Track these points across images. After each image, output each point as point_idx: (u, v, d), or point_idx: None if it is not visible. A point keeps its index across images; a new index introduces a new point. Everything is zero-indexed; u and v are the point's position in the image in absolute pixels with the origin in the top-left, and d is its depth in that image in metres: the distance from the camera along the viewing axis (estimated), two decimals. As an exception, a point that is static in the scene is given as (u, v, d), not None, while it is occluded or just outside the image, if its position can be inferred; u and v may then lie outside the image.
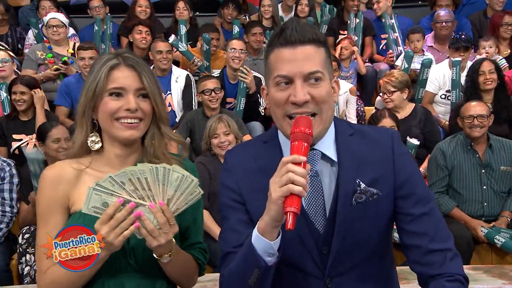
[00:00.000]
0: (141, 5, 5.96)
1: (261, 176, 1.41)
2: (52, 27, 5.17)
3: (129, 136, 1.51)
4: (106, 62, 1.51)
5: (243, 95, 4.69)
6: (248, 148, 1.53)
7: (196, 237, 1.65)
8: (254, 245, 1.29)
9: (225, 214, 1.48)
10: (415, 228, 1.42)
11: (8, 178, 3.55)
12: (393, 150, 1.45)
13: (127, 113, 1.50)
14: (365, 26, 6.02)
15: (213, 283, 2.58)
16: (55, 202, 1.52)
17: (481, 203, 3.66)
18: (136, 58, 1.55)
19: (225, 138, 3.56)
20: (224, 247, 1.45)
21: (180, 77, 4.94)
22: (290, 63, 1.35)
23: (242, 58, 4.80)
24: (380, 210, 1.42)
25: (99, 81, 1.49)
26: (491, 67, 4.35)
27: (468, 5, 6.48)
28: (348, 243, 1.40)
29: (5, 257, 3.45)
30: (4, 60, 4.74)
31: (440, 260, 1.39)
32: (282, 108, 1.37)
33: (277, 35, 1.38)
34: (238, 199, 1.45)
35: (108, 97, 1.50)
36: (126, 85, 1.50)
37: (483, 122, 3.63)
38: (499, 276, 2.62)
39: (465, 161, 3.67)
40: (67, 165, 1.56)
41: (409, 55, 5.10)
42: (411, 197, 1.43)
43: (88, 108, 1.52)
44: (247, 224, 1.42)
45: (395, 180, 1.43)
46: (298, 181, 1.21)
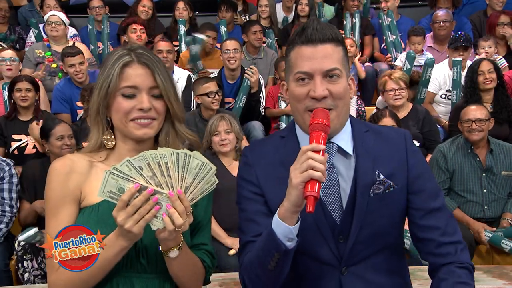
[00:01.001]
0: (144, 5, 5.95)
1: (280, 168, 1.48)
2: (51, 24, 5.18)
3: (142, 135, 1.49)
4: (119, 59, 1.48)
5: (245, 92, 4.68)
6: (266, 143, 1.62)
7: (203, 237, 1.60)
8: (275, 230, 1.35)
9: (243, 206, 1.54)
10: (427, 222, 1.50)
11: (8, 177, 3.55)
12: (406, 147, 1.54)
13: (140, 112, 1.47)
14: (364, 25, 6.02)
15: (213, 283, 2.57)
16: (66, 194, 1.48)
17: (481, 206, 3.67)
18: (150, 55, 1.51)
19: (225, 136, 3.55)
20: (242, 237, 1.52)
21: (181, 78, 4.94)
22: (310, 60, 1.43)
23: (237, 57, 4.80)
24: (394, 203, 1.49)
25: (112, 79, 1.46)
26: (490, 66, 4.35)
27: (468, 5, 6.48)
28: (365, 233, 1.46)
29: (5, 258, 3.45)
30: (12, 59, 4.75)
31: (451, 251, 1.48)
32: (303, 103, 1.45)
33: (299, 34, 1.46)
34: (257, 191, 1.52)
35: (120, 96, 1.47)
36: (139, 83, 1.47)
37: (481, 126, 3.64)
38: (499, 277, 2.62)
39: (466, 164, 3.67)
40: (79, 158, 1.53)
41: (411, 56, 5.09)
42: (423, 193, 1.51)
43: (102, 106, 1.49)
44: (265, 215, 1.48)
45: (408, 175, 1.50)
46: (317, 167, 1.28)
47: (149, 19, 5.94)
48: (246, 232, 1.50)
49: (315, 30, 1.44)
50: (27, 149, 4.19)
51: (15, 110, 4.26)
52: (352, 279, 1.48)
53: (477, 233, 3.57)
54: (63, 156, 1.56)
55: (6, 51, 4.85)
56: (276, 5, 6.52)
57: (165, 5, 6.45)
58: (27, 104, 4.21)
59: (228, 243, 3.38)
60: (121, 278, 1.48)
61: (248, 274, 1.47)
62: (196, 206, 1.54)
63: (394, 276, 1.53)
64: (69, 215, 1.47)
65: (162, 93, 1.49)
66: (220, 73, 4.97)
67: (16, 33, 6.02)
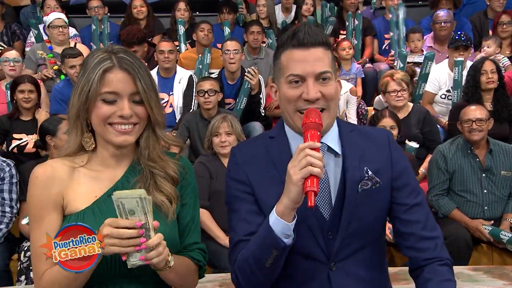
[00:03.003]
0: (135, 6, 5.96)
1: (270, 168, 1.52)
2: (57, 27, 5.15)
3: (122, 142, 1.47)
4: (100, 63, 1.44)
5: (245, 95, 4.68)
6: (255, 143, 1.64)
7: (194, 236, 1.61)
8: (273, 227, 1.39)
9: (234, 206, 1.56)
10: (409, 216, 1.55)
11: (8, 178, 3.54)
12: (389, 145, 1.60)
13: (121, 119, 1.45)
14: (365, 26, 6.02)
15: (213, 283, 2.57)
16: (49, 202, 1.46)
17: (481, 206, 3.66)
18: (131, 59, 1.48)
19: (226, 138, 3.54)
20: (234, 237, 1.55)
21: (183, 78, 4.93)
22: (302, 63, 1.48)
23: (237, 58, 4.79)
24: (380, 199, 1.54)
25: (92, 84, 1.43)
26: (493, 67, 4.35)
27: (468, 5, 6.48)
28: (353, 228, 1.50)
29: (5, 258, 3.44)
30: (16, 60, 4.75)
31: (431, 246, 1.54)
32: (294, 104, 1.50)
33: (290, 37, 1.50)
34: (247, 190, 1.54)
35: (101, 101, 1.44)
36: (119, 89, 1.44)
37: (481, 126, 3.63)
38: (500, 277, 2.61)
39: (466, 165, 3.67)
40: (60, 163, 1.51)
41: (403, 54, 5.10)
42: (405, 188, 1.57)
43: (82, 110, 1.46)
44: (256, 214, 1.52)
45: (392, 172, 1.56)
46: (316, 164, 1.33)
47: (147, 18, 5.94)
48: (238, 232, 1.53)
49: (307, 34, 1.48)
50: (26, 148, 4.19)
51: (17, 110, 4.26)
52: (341, 274, 1.51)
53: (476, 230, 3.56)
54: (44, 163, 1.53)
55: (10, 52, 4.85)
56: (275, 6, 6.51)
57: (164, 5, 6.44)
58: (29, 105, 4.22)
59: (227, 244, 3.38)
60: (110, 283, 1.48)
61: (242, 272, 1.50)
62: (183, 205, 1.55)
63: (377, 271, 1.58)
64: (53, 223, 1.45)
65: (143, 99, 1.46)
66: (221, 74, 4.97)
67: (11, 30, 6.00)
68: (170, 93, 4.91)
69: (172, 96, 4.91)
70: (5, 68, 4.73)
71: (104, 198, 1.49)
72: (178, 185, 1.56)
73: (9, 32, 6.01)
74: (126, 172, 1.53)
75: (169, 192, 1.51)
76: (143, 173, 1.52)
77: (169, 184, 1.53)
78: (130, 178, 1.52)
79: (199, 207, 1.65)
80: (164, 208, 1.49)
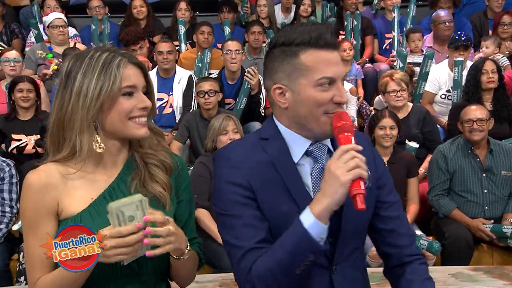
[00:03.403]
0: (135, 6, 5.96)
1: (269, 169, 1.45)
2: (57, 27, 5.15)
3: (144, 134, 1.49)
4: (111, 61, 1.44)
5: (245, 95, 4.68)
6: (246, 144, 1.54)
7: (193, 232, 1.64)
8: (309, 231, 1.33)
9: (235, 212, 1.45)
10: (390, 213, 1.58)
11: (8, 178, 3.54)
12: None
13: (142, 111, 1.47)
14: (365, 25, 6.02)
15: (213, 284, 2.57)
16: (43, 210, 1.45)
17: (482, 206, 3.66)
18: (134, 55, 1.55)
19: (234, 136, 3.52)
20: (242, 245, 1.42)
21: (183, 78, 4.93)
22: (335, 66, 1.45)
23: (239, 58, 4.79)
24: (370, 199, 1.53)
25: (114, 81, 1.43)
26: (494, 67, 4.35)
27: (468, 5, 6.48)
28: (350, 230, 1.50)
29: (5, 258, 3.44)
30: (16, 60, 4.74)
31: (408, 242, 1.59)
32: (324, 107, 1.44)
33: (313, 37, 1.43)
34: (249, 195, 1.45)
35: (121, 96, 1.45)
36: (136, 82, 1.48)
37: (482, 126, 3.63)
38: (500, 277, 2.62)
39: (466, 165, 3.67)
40: (53, 168, 1.48)
41: (403, 54, 5.10)
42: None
43: (97, 111, 1.43)
44: (262, 219, 1.44)
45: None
46: (363, 166, 1.34)
47: (147, 18, 5.95)
48: (246, 239, 1.42)
49: (333, 35, 1.45)
50: (26, 149, 4.19)
51: (14, 110, 4.25)
52: (341, 277, 1.51)
53: (477, 229, 3.56)
54: (36, 169, 1.49)
55: (10, 52, 4.84)
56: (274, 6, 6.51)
57: (165, 5, 6.44)
58: (28, 104, 4.20)
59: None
60: (111, 282, 1.48)
61: (264, 283, 1.40)
62: (180, 202, 1.56)
63: (365, 272, 1.62)
64: (49, 231, 1.43)
65: (150, 91, 1.53)
66: (221, 74, 4.97)
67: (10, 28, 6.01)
68: (169, 93, 4.91)
69: (171, 96, 4.91)
70: (5, 68, 4.72)
71: (100, 199, 1.48)
72: (173, 180, 1.56)
73: (8, 31, 6.01)
74: (121, 171, 1.53)
75: (163, 181, 1.52)
76: (138, 166, 1.52)
77: (162, 172, 1.53)
78: (125, 177, 1.52)
79: (194, 202, 1.67)
80: (162, 199, 1.50)
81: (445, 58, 5.18)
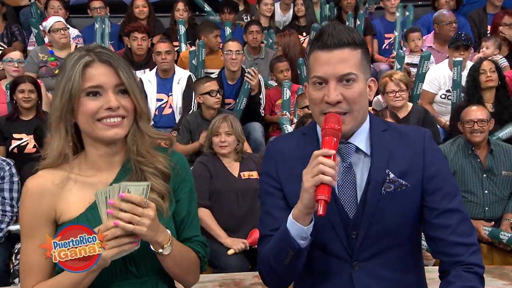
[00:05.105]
0: (137, 5, 5.95)
1: (299, 163, 1.50)
2: (59, 31, 5.14)
3: (113, 135, 1.43)
4: (78, 60, 1.42)
5: (245, 95, 4.68)
6: (289, 138, 1.67)
7: (193, 230, 1.59)
8: (289, 229, 1.42)
9: (264, 200, 1.60)
10: (439, 221, 1.51)
11: (8, 177, 3.54)
12: (424, 145, 1.55)
13: (109, 112, 1.41)
14: (365, 25, 6.02)
15: (213, 284, 2.57)
16: (41, 216, 1.45)
17: (482, 207, 3.66)
18: (110, 53, 1.46)
19: (225, 138, 3.54)
20: (261, 230, 1.59)
21: (182, 79, 4.92)
22: (325, 65, 1.47)
23: (239, 59, 4.79)
24: (407, 202, 1.51)
25: (74, 81, 1.40)
26: (492, 66, 4.36)
27: (468, 5, 6.48)
28: (375, 229, 1.49)
29: (5, 258, 3.44)
30: (19, 61, 4.75)
31: (462, 252, 1.49)
32: (319, 106, 1.50)
33: (316, 38, 1.51)
34: (276, 185, 1.57)
35: (85, 97, 1.41)
36: (103, 82, 1.41)
37: (483, 126, 3.63)
38: (500, 277, 2.61)
39: (467, 165, 3.67)
40: (50, 174, 1.48)
41: (400, 55, 5.10)
42: (438, 192, 1.52)
43: (66, 111, 1.42)
44: (282, 209, 1.54)
45: (424, 174, 1.52)
46: (327, 172, 1.34)
47: (148, 18, 5.94)
48: (265, 225, 1.57)
49: (330, 35, 1.47)
50: (26, 149, 4.18)
51: (16, 110, 4.25)
52: (363, 274, 1.51)
53: (476, 231, 3.56)
54: (36, 174, 1.50)
55: (14, 52, 4.84)
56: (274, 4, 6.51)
57: (164, 5, 6.44)
58: (29, 105, 4.20)
59: (228, 243, 3.38)
60: (111, 285, 1.46)
61: (264, 267, 1.54)
62: (177, 202, 1.54)
63: (408, 275, 1.55)
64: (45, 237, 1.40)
65: (128, 90, 1.44)
66: (220, 74, 4.96)
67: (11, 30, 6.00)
68: (169, 94, 4.90)
69: (171, 97, 4.89)
70: (9, 68, 4.72)
71: None
72: (170, 181, 1.53)
73: (9, 33, 6.01)
74: (118, 174, 1.50)
75: (159, 189, 1.48)
76: (133, 171, 1.49)
77: (159, 180, 1.49)
78: (123, 180, 1.48)
79: (196, 202, 1.62)
80: (157, 205, 1.45)
81: (445, 58, 5.18)
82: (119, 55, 1.53)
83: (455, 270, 1.49)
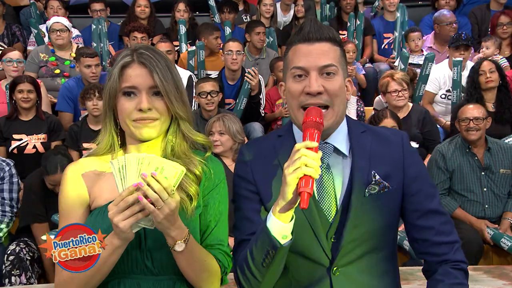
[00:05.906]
0: (140, 4, 5.96)
1: (275, 167, 1.50)
2: (55, 32, 5.13)
3: (144, 134, 1.48)
4: (121, 59, 1.50)
5: (246, 95, 4.68)
6: (263, 141, 1.63)
7: (218, 238, 1.55)
8: (269, 227, 1.36)
9: (239, 205, 1.56)
10: (422, 222, 1.51)
11: (8, 177, 3.54)
12: (403, 148, 1.55)
13: (140, 114, 1.46)
14: (364, 25, 6.02)
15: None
16: (76, 199, 1.51)
17: (482, 205, 3.66)
18: (151, 53, 1.49)
19: (218, 138, 3.53)
20: (238, 236, 1.54)
21: (183, 79, 4.90)
22: (306, 57, 1.46)
23: (240, 59, 4.79)
24: (389, 204, 1.50)
25: (113, 80, 1.48)
26: (491, 66, 4.36)
27: (468, 5, 6.48)
28: (358, 233, 1.46)
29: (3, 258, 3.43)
30: (19, 61, 4.75)
31: (447, 251, 1.51)
32: (297, 99, 1.47)
33: (296, 33, 1.50)
34: (252, 189, 1.53)
35: (122, 96, 1.48)
36: (138, 83, 1.47)
37: (479, 125, 3.64)
38: (500, 277, 2.62)
39: (465, 163, 3.67)
40: (89, 162, 1.56)
41: (405, 55, 5.09)
42: (419, 194, 1.52)
43: (109, 108, 1.51)
44: (260, 213, 1.51)
45: (404, 176, 1.51)
46: (310, 164, 1.29)
47: (149, 18, 5.94)
48: (242, 231, 1.53)
49: (312, 28, 1.47)
50: (26, 149, 4.18)
51: (16, 110, 4.25)
52: (344, 280, 1.47)
53: (480, 231, 3.56)
54: (77, 161, 1.59)
55: (13, 52, 4.84)
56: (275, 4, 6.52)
57: (164, 5, 6.44)
58: (29, 105, 4.20)
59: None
60: (128, 279, 1.47)
61: (242, 272, 1.47)
62: (205, 206, 1.53)
63: (386, 278, 1.53)
64: (79, 219, 1.49)
65: (162, 92, 1.47)
66: (221, 74, 4.96)
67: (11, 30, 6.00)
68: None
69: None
70: (8, 68, 4.72)
71: None
72: (200, 185, 1.52)
73: (10, 33, 6.01)
74: None
75: (189, 190, 1.48)
76: None
77: (189, 180, 1.48)
78: None
79: (226, 211, 1.58)
80: (183, 204, 1.46)
81: (446, 58, 5.18)
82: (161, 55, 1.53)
83: (442, 268, 1.50)
